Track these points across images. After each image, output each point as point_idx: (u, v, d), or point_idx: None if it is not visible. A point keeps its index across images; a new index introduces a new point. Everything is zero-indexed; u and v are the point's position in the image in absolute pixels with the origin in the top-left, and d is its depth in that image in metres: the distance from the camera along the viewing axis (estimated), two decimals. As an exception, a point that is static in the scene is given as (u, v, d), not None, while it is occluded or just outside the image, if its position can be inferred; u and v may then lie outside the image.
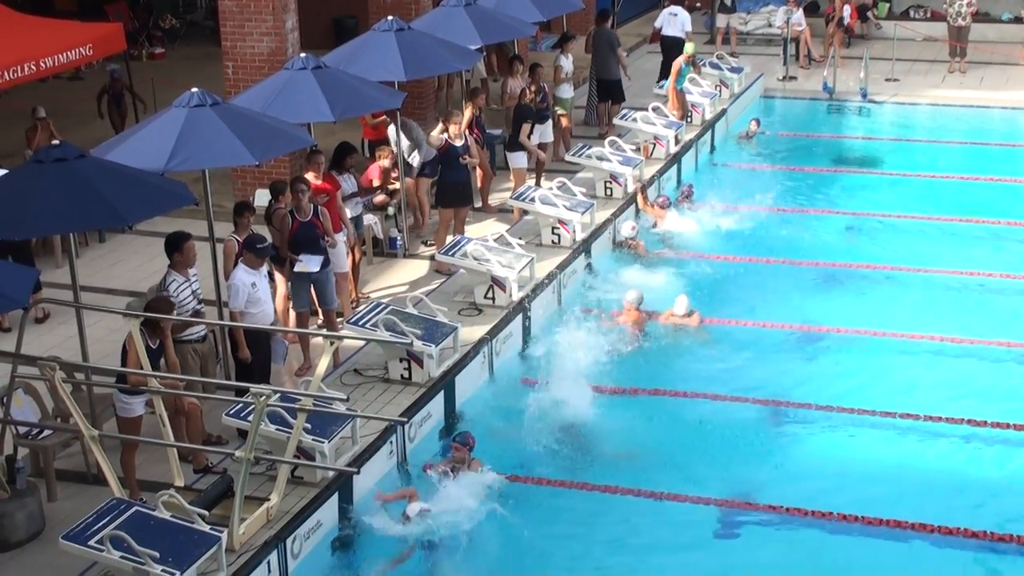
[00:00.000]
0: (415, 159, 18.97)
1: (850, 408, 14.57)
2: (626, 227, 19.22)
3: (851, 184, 22.84)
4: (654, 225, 20.01)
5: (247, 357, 13.51)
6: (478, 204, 19.97)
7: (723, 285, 18.11)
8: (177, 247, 13.31)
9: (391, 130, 19.17)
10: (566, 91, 23.18)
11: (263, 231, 15.03)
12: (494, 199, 20.67)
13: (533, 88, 21.12)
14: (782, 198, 21.68)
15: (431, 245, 18.72)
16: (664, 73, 25.41)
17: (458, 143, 18.18)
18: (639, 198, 20.37)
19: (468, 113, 19.73)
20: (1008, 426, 14.13)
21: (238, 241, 14.32)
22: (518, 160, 20.46)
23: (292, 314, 15.43)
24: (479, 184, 20.23)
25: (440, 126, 18.40)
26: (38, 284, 15.33)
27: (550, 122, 21.78)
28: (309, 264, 14.70)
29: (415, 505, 12.17)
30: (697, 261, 18.89)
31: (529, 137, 20.47)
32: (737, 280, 18.37)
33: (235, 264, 14.01)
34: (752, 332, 16.64)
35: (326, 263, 15.16)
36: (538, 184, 20.35)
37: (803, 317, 17.03)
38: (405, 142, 18.84)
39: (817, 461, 13.74)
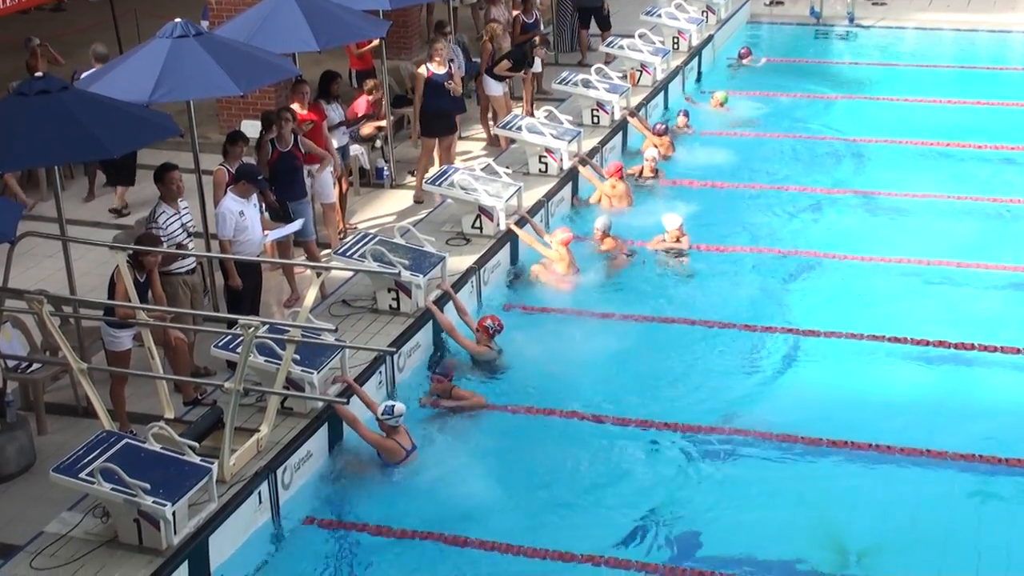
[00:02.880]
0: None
1: (839, 332, 14.54)
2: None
3: (838, 109, 22.75)
4: (660, 154, 19.80)
5: (238, 285, 13.51)
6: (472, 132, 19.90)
7: (712, 212, 18.03)
8: (159, 178, 13.22)
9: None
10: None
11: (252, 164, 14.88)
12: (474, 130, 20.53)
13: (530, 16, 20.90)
14: (769, 125, 21.63)
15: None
16: None
17: (441, 71, 18.03)
18: (637, 124, 20.23)
19: (489, 47, 19.74)
20: (996, 349, 14.14)
21: (228, 171, 14.21)
22: (492, 87, 20.26)
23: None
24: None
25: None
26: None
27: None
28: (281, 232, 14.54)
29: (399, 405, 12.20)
30: (687, 189, 18.83)
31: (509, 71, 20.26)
32: (726, 207, 18.32)
33: (224, 193, 13.92)
34: (741, 257, 16.64)
35: (296, 196, 15.08)
36: (531, 113, 20.16)
37: (792, 243, 17.01)
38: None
39: (806, 386, 13.68)
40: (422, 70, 18.13)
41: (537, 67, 21.41)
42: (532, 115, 19.18)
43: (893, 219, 17.83)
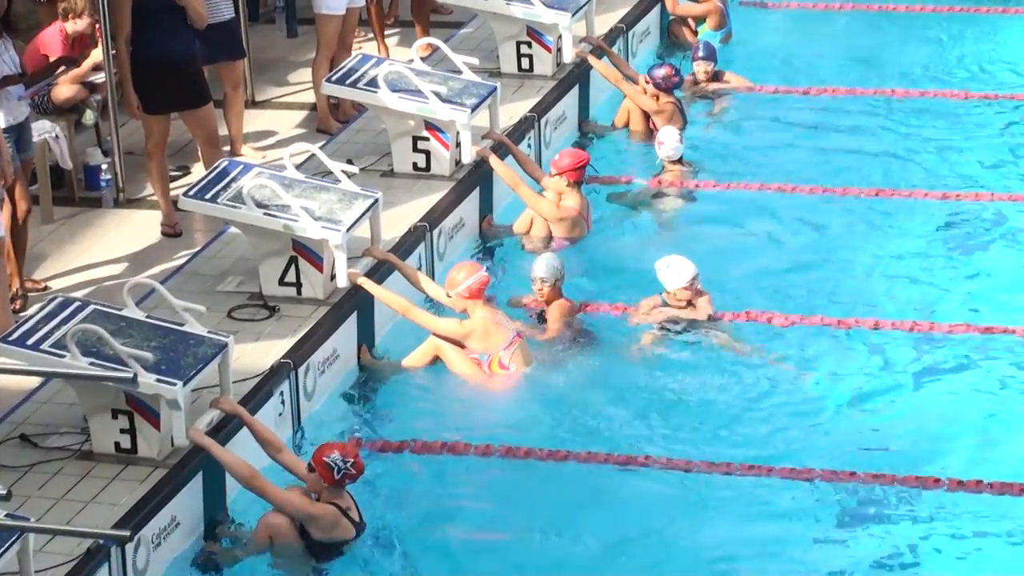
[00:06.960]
0: None
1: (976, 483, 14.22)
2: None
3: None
4: (650, 132, 20.07)
5: None
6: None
7: (748, 242, 18.38)
8: None
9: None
10: None
11: None
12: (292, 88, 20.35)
13: None
14: (839, 78, 22.78)
15: (183, 173, 18.52)
16: None
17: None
18: (603, 69, 20.47)
19: None
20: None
21: None
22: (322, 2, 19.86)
23: None
24: None
25: None
26: None
27: None
28: None
29: None
30: (703, 195, 19.22)
31: None
32: (769, 228, 18.60)
33: None
34: (803, 334, 16.50)
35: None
36: (383, 49, 20.57)
37: (873, 301, 17.03)
38: None
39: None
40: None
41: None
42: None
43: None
